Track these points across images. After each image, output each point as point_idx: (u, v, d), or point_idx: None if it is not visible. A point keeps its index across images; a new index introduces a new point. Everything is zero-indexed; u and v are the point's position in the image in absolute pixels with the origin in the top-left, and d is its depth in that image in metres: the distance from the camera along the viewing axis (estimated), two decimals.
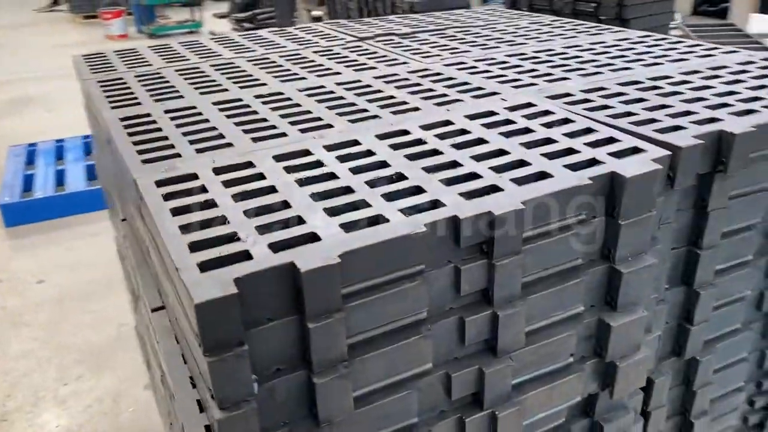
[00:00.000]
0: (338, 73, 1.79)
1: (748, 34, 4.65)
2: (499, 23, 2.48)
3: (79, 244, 4.49)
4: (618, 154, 1.18)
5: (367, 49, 2.08)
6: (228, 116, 1.47)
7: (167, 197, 1.08)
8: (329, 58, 1.97)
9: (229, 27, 12.69)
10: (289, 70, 1.85)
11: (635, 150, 1.20)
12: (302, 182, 1.12)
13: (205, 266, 0.88)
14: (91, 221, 4.83)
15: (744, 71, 1.68)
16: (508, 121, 1.36)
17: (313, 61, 1.95)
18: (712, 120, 1.32)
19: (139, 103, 1.59)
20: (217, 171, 1.17)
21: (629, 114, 1.38)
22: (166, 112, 1.51)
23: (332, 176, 1.14)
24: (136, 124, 1.44)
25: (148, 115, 1.49)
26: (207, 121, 1.44)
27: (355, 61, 1.93)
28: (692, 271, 1.37)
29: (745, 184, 1.35)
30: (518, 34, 2.25)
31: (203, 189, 1.11)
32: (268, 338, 0.90)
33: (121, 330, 3.49)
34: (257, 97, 1.60)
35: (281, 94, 1.62)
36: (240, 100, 1.58)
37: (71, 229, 4.71)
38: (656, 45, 2.00)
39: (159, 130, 1.40)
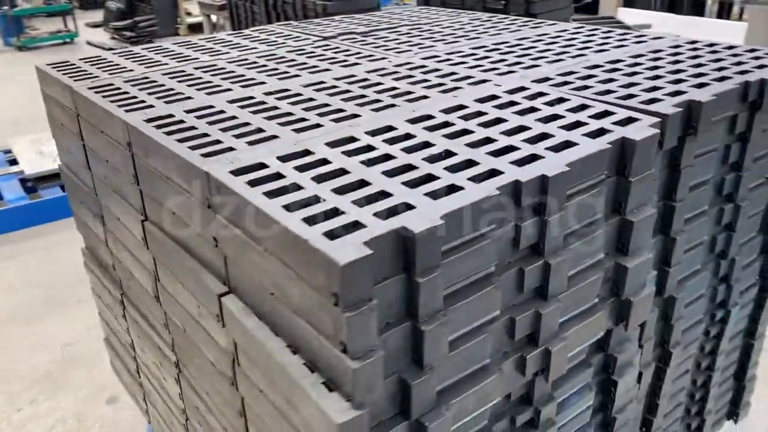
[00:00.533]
0: (328, 70, 1.91)
1: (629, 26, 5.18)
2: (441, 20, 2.68)
3: None
4: (619, 124, 1.40)
5: (338, 47, 2.21)
6: (253, 112, 1.55)
7: (252, 184, 1.17)
8: (309, 57, 2.08)
9: (107, 36, 12.18)
10: (277, 69, 1.94)
11: (630, 120, 1.42)
12: (367, 163, 1.25)
13: (329, 236, 0.99)
14: (3, 243, 4.61)
15: (678, 53, 1.97)
16: (513, 103, 1.55)
17: (294, 60, 2.05)
18: (677, 93, 1.57)
19: (151, 106, 1.63)
20: (282, 159, 1.27)
21: (609, 92, 1.61)
22: (188, 112, 1.57)
23: (389, 157, 1.28)
24: (166, 125, 1.49)
25: (171, 116, 1.55)
26: (236, 117, 1.52)
27: (335, 58, 2.05)
28: (669, 221, 1.62)
29: (705, 145, 1.62)
30: (468, 29, 2.46)
31: (279, 175, 1.21)
32: (383, 294, 1.03)
33: (66, 350, 3.38)
34: (267, 94, 1.69)
35: (287, 90, 1.72)
36: (252, 98, 1.66)
37: None
38: (593, 34, 2.28)
39: (194, 128, 1.46)
